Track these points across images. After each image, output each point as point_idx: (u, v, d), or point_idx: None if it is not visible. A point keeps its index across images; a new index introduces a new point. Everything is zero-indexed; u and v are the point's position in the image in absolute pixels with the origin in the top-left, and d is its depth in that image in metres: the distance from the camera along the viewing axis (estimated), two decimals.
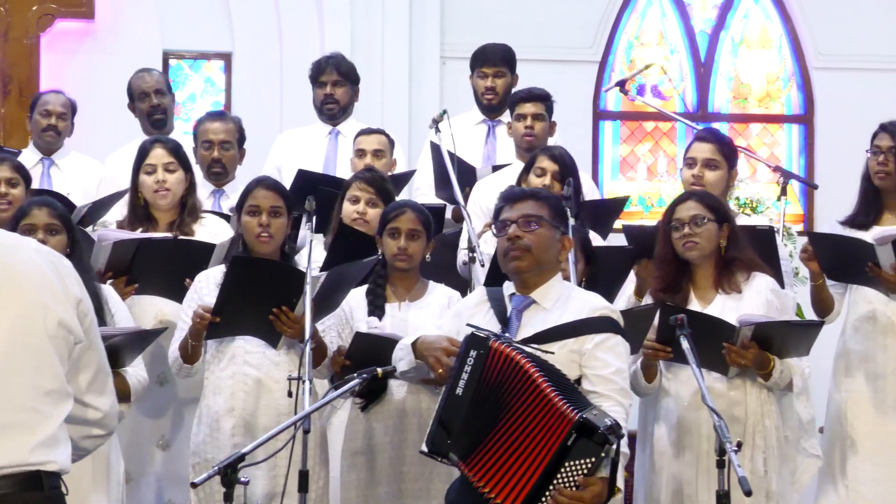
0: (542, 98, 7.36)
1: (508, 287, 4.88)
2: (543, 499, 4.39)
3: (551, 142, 7.31)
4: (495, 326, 4.74)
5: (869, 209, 6.32)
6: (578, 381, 4.65)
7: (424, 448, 4.66)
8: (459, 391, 4.52)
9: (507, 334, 4.68)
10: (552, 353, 4.58)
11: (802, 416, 5.84)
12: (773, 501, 5.55)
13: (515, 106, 7.37)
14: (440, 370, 4.80)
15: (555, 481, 4.38)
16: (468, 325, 4.69)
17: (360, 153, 7.28)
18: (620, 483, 4.51)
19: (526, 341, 4.64)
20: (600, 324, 4.72)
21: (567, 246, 4.89)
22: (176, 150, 6.44)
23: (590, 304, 4.79)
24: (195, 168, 6.77)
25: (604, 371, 4.65)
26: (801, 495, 6.03)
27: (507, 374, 4.47)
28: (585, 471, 4.37)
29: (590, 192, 7.17)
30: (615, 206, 6.97)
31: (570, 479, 4.38)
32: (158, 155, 6.38)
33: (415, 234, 5.68)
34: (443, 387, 4.73)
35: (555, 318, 4.74)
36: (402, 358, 5.04)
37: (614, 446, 4.38)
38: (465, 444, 4.51)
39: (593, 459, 4.37)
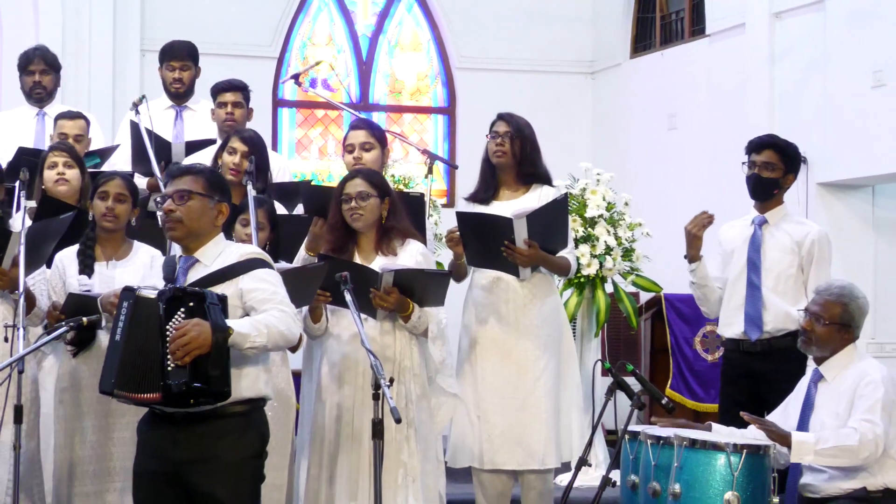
0: (241, 88, 7.57)
1: (178, 251, 5.01)
2: (168, 363, 4.51)
3: (248, 125, 7.44)
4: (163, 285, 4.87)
5: (488, 186, 6.48)
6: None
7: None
8: (117, 337, 4.63)
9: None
10: None
11: (436, 357, 6.03)
12: (413, 428, 5.79)
13: (217, 95, 7.51)
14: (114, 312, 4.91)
15: (168, 346, 4.51)
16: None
17: (63, 137, 7.20)
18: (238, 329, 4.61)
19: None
20: (247, 264, 4.79)
21: (224, 212, 4.89)
22: None
23: (239, 251, 4.87)
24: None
25: (261, 295, 4.74)
26: (439, 426, 6.23)
27: (151, 314, 4.62)
28: (182, 319, 4.54)
29: (281, 172, 7.34)
30: (296, 188, 7.01)
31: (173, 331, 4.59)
32: None
33: (121, 197, 5.79)
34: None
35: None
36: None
37: (192, 303, 4.56)
38: (124, 378, 4.61)
39: (183, 310, 4.53)
